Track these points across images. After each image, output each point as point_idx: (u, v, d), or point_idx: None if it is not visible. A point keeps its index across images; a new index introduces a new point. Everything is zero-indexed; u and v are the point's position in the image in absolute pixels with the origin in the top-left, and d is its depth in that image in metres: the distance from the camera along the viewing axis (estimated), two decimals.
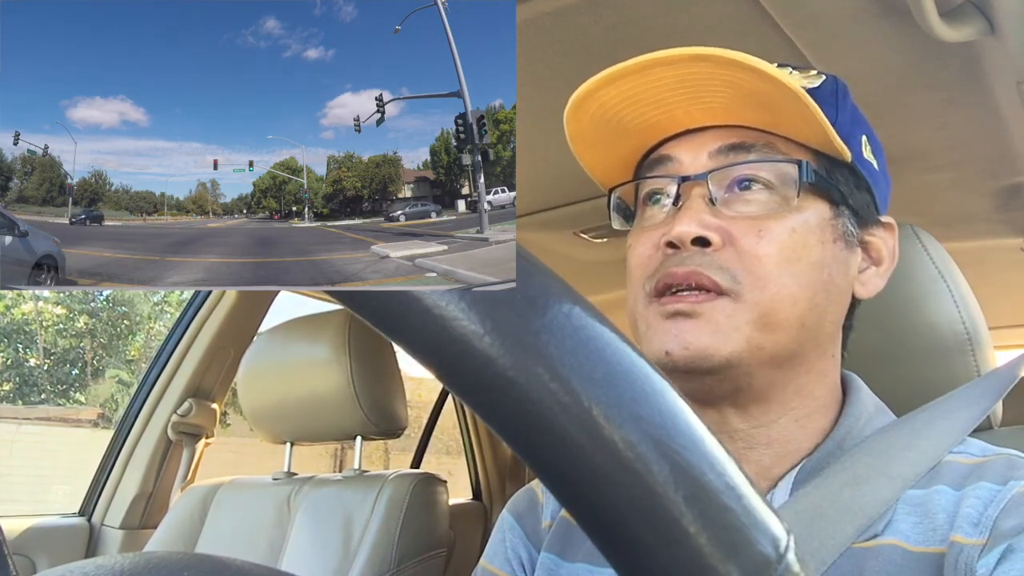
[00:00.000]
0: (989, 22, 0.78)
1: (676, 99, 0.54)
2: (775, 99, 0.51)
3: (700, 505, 0.19)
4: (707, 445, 0.20)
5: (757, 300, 0.51)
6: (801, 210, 0.53)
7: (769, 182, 0.54)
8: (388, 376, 1.38)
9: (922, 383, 0.68)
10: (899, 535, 0.49)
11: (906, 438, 0.54)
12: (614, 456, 0.19)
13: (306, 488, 1.38)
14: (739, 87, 0.52)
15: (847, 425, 0.56)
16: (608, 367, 0.20)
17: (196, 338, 1.67)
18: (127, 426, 1.67)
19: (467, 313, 0.19)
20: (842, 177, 0.56)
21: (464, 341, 0.19)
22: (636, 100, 0.55)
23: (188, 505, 1.47)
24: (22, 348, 4.63)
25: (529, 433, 0.20)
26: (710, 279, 0.51)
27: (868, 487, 0.50)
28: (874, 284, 0.58)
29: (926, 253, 0.70)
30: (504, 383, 0.19)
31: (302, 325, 1.45)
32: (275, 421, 1.45)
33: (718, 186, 0.54)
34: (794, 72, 0.57)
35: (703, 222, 0.52)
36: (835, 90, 0.57)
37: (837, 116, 0.55)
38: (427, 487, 1.32)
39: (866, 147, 0.58)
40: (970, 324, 0.68)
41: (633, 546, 0.19)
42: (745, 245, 0.52)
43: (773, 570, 0.19)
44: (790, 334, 0.52)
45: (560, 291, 0.21)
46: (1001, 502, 0.48)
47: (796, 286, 0.52)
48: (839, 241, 0.55)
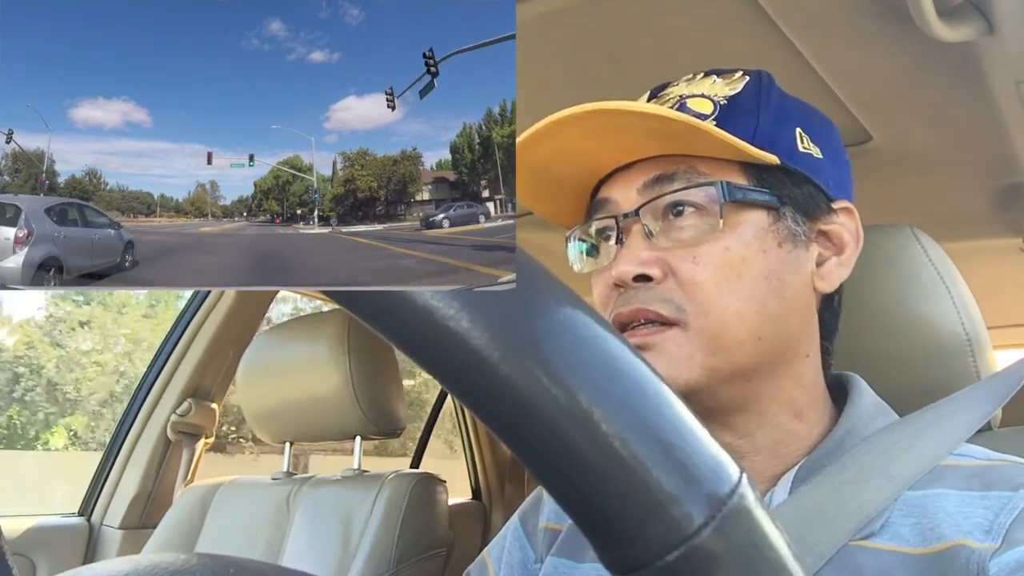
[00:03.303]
0: (988, 22, 0.78)
1: (595, 148, 0.57)
2: (682, 132, 0.53)
3: (653, 444, 0.20)
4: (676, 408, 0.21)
5: (703, 326, 0.52)
6: (733, 226, 0.54)
7: (699, 204, 0.55)
8: (387, 376, 1.38)
9: (921, 384, 0.68)
10: (895, 537, 0.49)
11: (908, 438, 0.54)
12: (601, 445, 0.19)
13: (305, 488, 1.38)
14: (643, 129, 0.54)
15: (848, 425, 0.56)
16: (604, 366, 0.20)
17: (195, 337, 1.67)
18: (126, 426, 1.67)
19: (464, 313, 0.19)
20: (775, 179, 0.56)
21: (461, 341, 0.19)
22: (560, 155, 0.57)
23: (187, 505, 1.47)
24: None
25: (526, 432, 0.20)
26: (655, 312, 0.53)
27: (868, 486, 0.50)
28: (837, 275, 0.58)
29: (925, 254, 0.70)
30: (501, 383, 0.19)
31: (301, 325, 1.45)
32: (274, 421, 1.45)
33: (652, 218, 0.56)
34: (717, 80, 0.58)
35: (640, 259, 0.54)
36: (757, 91, 0.57)
37: (758, 121, 0.55)
38: (426, 487, 1.32)
39: (802, 139, 0.57)
40: (969, 325, 0.68)
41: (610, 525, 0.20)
42: (683, 273, 0.53)
43: (724, 504, 0.20)
44: (745, 349, 0.53)
45: (557, 291, 0.21)
46: (1014, 511, 0.47)
47: (740, 303, 0.53)
48: (785, 243, 0.55)
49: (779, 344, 0.55)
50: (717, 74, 0.59)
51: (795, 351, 0.56)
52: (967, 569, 0.46)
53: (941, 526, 0.48)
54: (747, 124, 0.54)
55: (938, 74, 0.90)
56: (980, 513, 0.48)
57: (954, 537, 0.47)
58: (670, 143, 0.55)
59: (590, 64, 0.87)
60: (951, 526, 0.48)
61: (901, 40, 0.84)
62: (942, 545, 0.48)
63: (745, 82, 0.58)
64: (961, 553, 0.47)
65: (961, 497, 0.50)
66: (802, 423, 0.56)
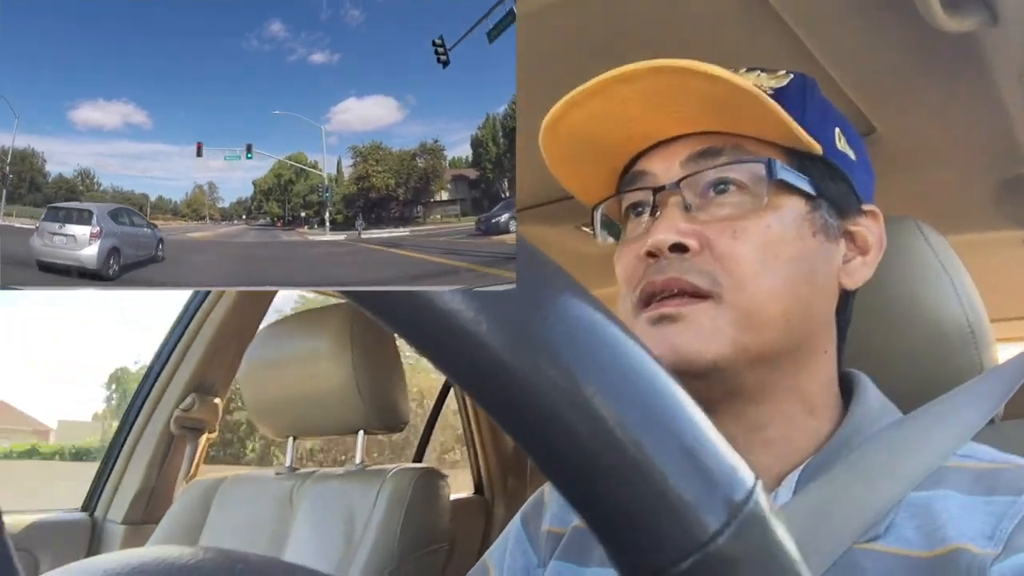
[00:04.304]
0: (992, 13, 0.78)
1: (644, 113, 0.55)
2: (736, 102, 0.52)
3: (670, 450, 0.20)
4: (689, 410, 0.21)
5: (738, 301, 0.52)
6: (775, 207, 0.54)
7: (741, 183, 0.54)
8: (390, 370, 1.39)
9: (925, 378, 0.67)
10: (901, 540, 0.49)
11: (913, 437, 0.53)
12: (616, 449, 0.19)
13: (308, 483, 1.38)
14: (700, 94, 0.52)
15: (854, 424, 0.55)
16: (610, 358, 0.20)
17: (199, 332, 1.67)
18: (130, 421, 1.67)
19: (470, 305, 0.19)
20: (816, 171, 0.56)
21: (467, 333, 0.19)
22: (605, 118, 0.56)
23: (191, 500, 1.47)
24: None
25: (531, 424, 0.20)
26: (690, 283, 0.52)
27: (874, 486, 0.50)
28: (861, 273, 0.59)
29: (929, 247, 0.70)
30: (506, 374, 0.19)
31: (305, 319, 1.45)
32: (277, 415, 1.46)
33: (692, 192, 0.55)
34: (761, 75, 0.58)
35: (679, 228, 0.53)
36: (802, 88, 0.57)
37: (805, 112, 0.55)
38: (429, 481, 1.32)
39: (840, 139, 0.58)
40: (973, 318, 0.68)
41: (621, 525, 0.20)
42: (721, 247, 0.53)
43: (740, 510, 0.20)
44: (775, 331, 0.53)
45: (562, 284, 0.21)
46: (1016, 516, 0.47)
47: (776, 282, 0.52)
48: (819, 234, 0.55)
49: (804, 332, 0.55)
50: (762, 70, 0.59)
51: (816, 344, 0.56)
52: (968, 575, 0.46)
53: (944, 528, 0.48)
54: (795, 113, 0.54)
55: (942, 66, 0.90)
56: (983, 518, 0.48)
57: (956, 541, 0.47)
58: (723, 116, 0.54)
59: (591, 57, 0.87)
60: (954, 529, 0.48)
61: (905, 31, 0.83)
62: (944, 548, 0.47)
63: (791, 79, 0.57)
64: (962, 558, 0.46)
65: (965, 501, 0.49)
66: (812, 420, 0.56)
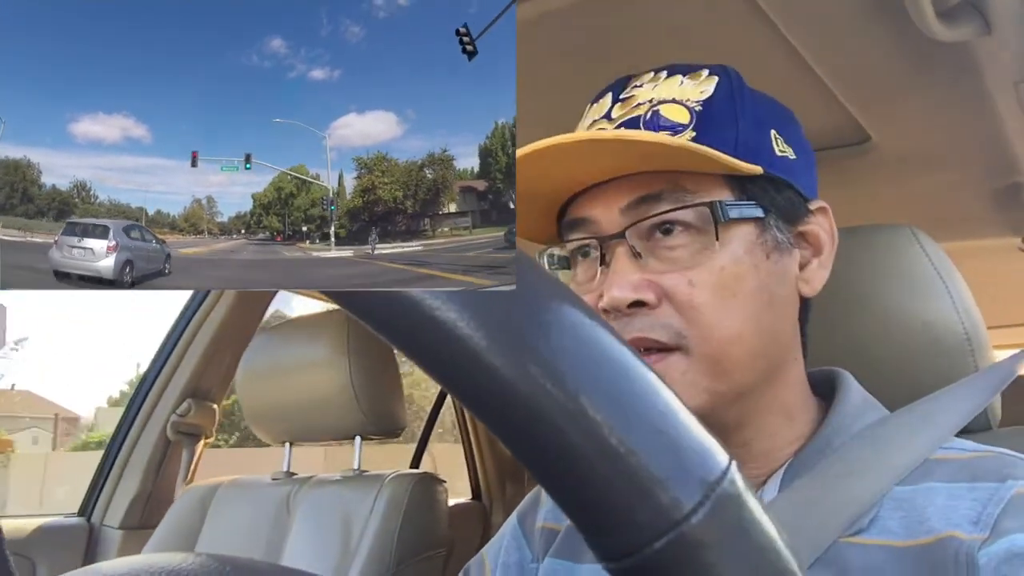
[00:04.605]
0: (986, 22, 0.78)
1: (574, 168, 0.54)
2: (669, 152, 0.51)
3: (641, 431, 0.20)
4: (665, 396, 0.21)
5: (705, 351, 0.52)
6: (725, 243, 0.53)
7: (687, 223, 0.53)
8: (387, 376, 1.38)
9: (921, 384, 0.68)
10: (885, 532, 0.50)
11: (898, 433, 0.54)
12: (588, 430, 0.19)
13: (305, 488, 1.38)
14: (635, 152, 0.52)
15: (836, 421, 0.56)
16: (590, 353, 0.20)
17: (195, 337, 1.67)
18: (126, 426, 1.67)
19: (463, 314, 0.19)
20: (759, 189, 0.55)
21: (460, 342, 0.19)
22: (544, 172, 0.55)
23: (187, 505, 1.47)
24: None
25: (502, 408, 0.20)
26: (656, 340, 0.52)
27: (859, 480, 0.51)
28: (818, 277, 0.58)
29: (924, 254, 0.70)
30: (500, 383, 0.19)
31: (301, 325, 1.45)
32: (274, 421, 1.45)
33: (638, 238, 0.54)
34: (684, 80, 0.56)
35: (633, 283, 0.52)
36: (730, 92, 0.56)
37: (738, 127, 0.54)
38: (426, 487, 1.32)
39: (777, 142, 0.56)
40: (969, 325, 0.68)
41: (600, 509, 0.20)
42: (679, 297, 0.52)
43: (713, 490, 0.20)
44: (745, 370, 0.53)
45: (556, 293, 0.21)
46: (1001, 501, 0.48)
47: (738, 322, 0.52)
48: (772, 253, 0.55)
49: (774, 357, 0.55)
50: (682, 72, 0.57)
51: (785, 358, 0.57)
52: (956, 560, 0.46)
53: (930, 520, 0.49)
54: (727, 134, 0.53)
55: (936, 74, 0.91)
56: (968, 505, 0.48)
57: (943, 530, 0.48)
58: (653, 160, 0.53)
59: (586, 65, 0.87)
60: (940, 519, 0.48)
61: (899, 39, 0.84)
62: (931, 538, 0.48)
63: (715, 83, 0.56)
64: (950, 545, 0.47)
65: (949, 490, 0.50)
66: (792, 423, 0.57)
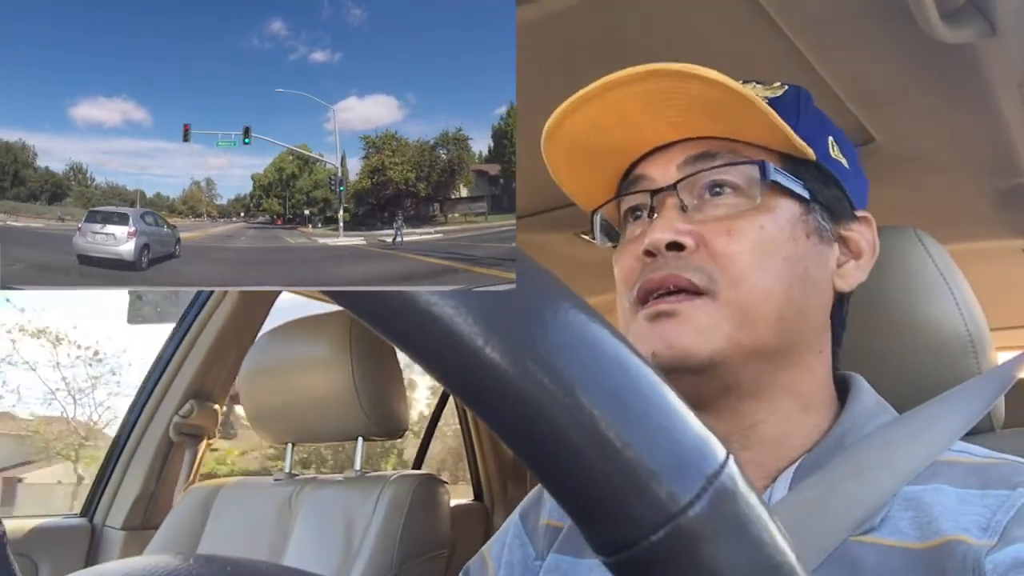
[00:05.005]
0: (990, 23, 0.78)
1: (641, 117, 0.57)
2: (732, 107, 0.53)
3: (637, 424, 0.20)
4: None
5: (733, 297, 0.53)
6: (769, 208, 0.55)
7: (736, 185, 0.56)
8: (389, 376, 1.38)
9: (924, 385, 0.67)
10: (895, 532, 0.50)
11: (908, 433, 0.54)
12: (585, 423, 0.19)
13: (307, 489, 1.38)
14: (696, 98, 0.54)
15: (848, 422, 0.56)
16: (577, 335, 0.20)
17: (198, 339, 1.67)
18: (128, 427, 1.67)
19: (464, 314, 0.19)
20: (809, 175, 0.57)
21: (461, 341, 0.19)
22: (603, 124, 0.57)
23: (190, 506, 1.47)
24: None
25: (499, 401, 0.20)
26: (687, 280, 0.53)
27: (869, 480, 0.51)
28: (854, 276, 0.60)
29: (928, 255, 0.70)
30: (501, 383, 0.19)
31: (304, 326, 1.45)
32: (276, 422, 1.46)
33: (689, 194, 0.56)
34: (757, 86, 0.59)
35: (675, 228, 0.54)
36: (796, 98, 0.59)
37: (799, 120, 0.57)
38: (428, 488, 1.32)
39: (833, 147, 0.60)
40: (972, 326, 0.68)
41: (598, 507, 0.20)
42: (717, 245, 0.54)
43: (710, 483, 0.20)
44: (770, 328, 0.54)
45: (557, 292, 0.21)
46: (1011, 509, 0.48)
47: (770, 280, 0.54)
48: (812, 236, 0.57)
49: (798, 330, 0.56)
50: (758, 82, 0.60)
51: (810, 343, 0.57)
52: (963, 565, 0.46)
53: (938, 520, 0.49)
54: (789, 119, 0.55)
55: (940, 75, 0.90)
56: (978, 510, 0.48)
57: (951, 533, 0.48)
58: (718, 121, 0.55)
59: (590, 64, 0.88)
60: (948, 521, 0.48)
61: (903, 41, 0.84)
62: (939, 540, 0.48)
63: (785, 90, 0.59)
64: (958, 549, 0.47)
65: (959, 494, 0.50)
66: (808, 417, 0.57)
